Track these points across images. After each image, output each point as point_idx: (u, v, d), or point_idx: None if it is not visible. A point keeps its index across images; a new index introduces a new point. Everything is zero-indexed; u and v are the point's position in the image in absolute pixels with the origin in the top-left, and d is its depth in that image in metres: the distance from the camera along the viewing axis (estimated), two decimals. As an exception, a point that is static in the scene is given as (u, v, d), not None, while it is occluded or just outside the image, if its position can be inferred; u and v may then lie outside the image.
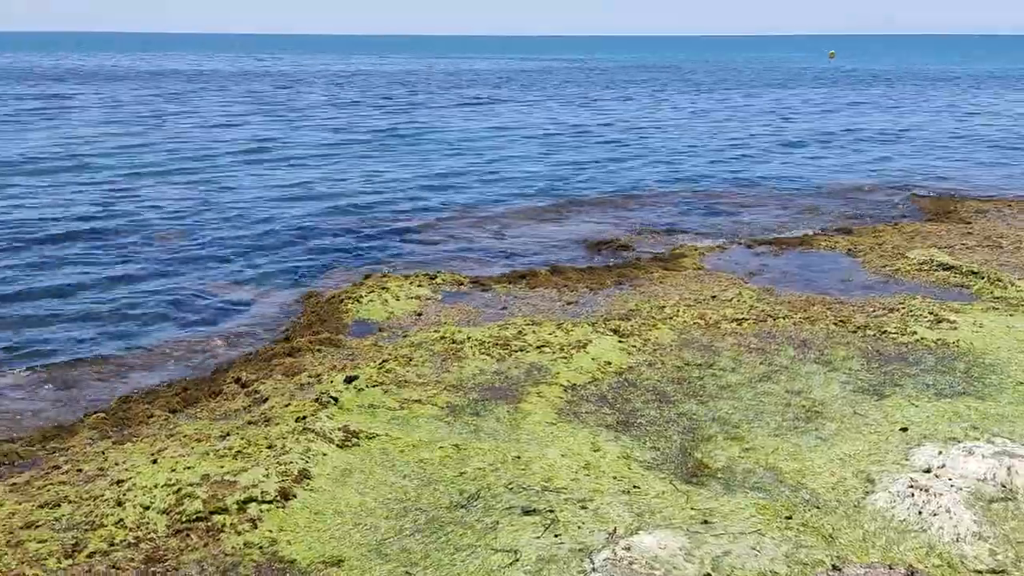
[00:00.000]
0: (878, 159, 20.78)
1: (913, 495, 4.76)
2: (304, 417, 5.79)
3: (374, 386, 6.38)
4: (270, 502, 4.68)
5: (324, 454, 5.25)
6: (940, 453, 5.25)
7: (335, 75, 59.99)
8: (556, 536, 4.35)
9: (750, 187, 16.73)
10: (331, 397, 6.18)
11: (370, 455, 5.31)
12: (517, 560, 4.15)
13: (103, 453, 5.43)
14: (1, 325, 8.42)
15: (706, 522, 4.53)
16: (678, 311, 8.11)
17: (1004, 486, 4.86)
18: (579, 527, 4.45)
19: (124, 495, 4.74)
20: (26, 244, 11.53)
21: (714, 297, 8.61)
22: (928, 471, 5.05)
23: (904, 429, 5.65)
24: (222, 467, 5.05)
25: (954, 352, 7.06)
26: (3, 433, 6.04)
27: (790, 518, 4.61)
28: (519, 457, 5.24)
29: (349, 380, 6.50)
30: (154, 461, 5.17)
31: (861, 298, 8.67)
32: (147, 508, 4.61)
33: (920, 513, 4.61)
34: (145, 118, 28.13)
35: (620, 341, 7.28)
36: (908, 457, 5.25)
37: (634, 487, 4.92)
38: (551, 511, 4.61)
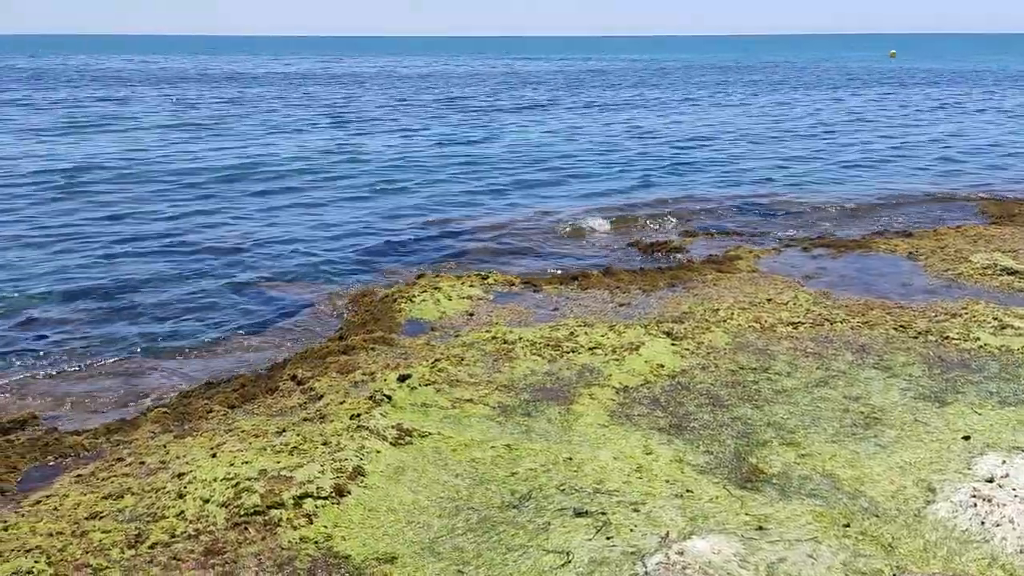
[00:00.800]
0: (940, 159, 20.28)
1: (975, 505, 4.64)
2: (358, 415, 5.86)
3: (427, 385, 6.43)
4: (325, 498, 4.75)
5: (378, 452, 5.31)
6: (1004, 463, 5.10)
7: (397, 76, 60.57)
8: (608, 538, 4.34)
9: (810, 190, 16.45)
10: (385, 395, 6.24)
11: (423, 454, 5.35)
12: (569, 562, 4.15)
13: (165, 446, 5.57)
14: (68, 321, 8.68)
15: (761, 528, 4.48)
16: (732, 314, 8.02)
17: (1073, 498, 4.70)
18: (631, 530, 4.43)
19: (185, 488, 4.85)
20: (91, 241, 11.89)
21: (769, 300, 8.50)
22: (991, 481, 4.91)
23: (967, 437, 5.51)
24: (279, 462, 5.14)
25: (1019, 359, 6.85)
26: (69, 425, 6.23)
27: (848, 526, 4.52)
28: (571, 459, 5.23)
29: (402, 379, 6.56)
30: (213, 455, 5.29)
31: (922, 303, 8.47)
32: (207, 501, 4.72)
33: (983, 524, 4.49)
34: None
35: (673, 344, 7.22)
36: (970, 466, 5.12)
37: (687, 491, 4.88)
38: (603, 513, 4.60)
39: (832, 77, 59.23)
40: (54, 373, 7.37)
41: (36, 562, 4.24)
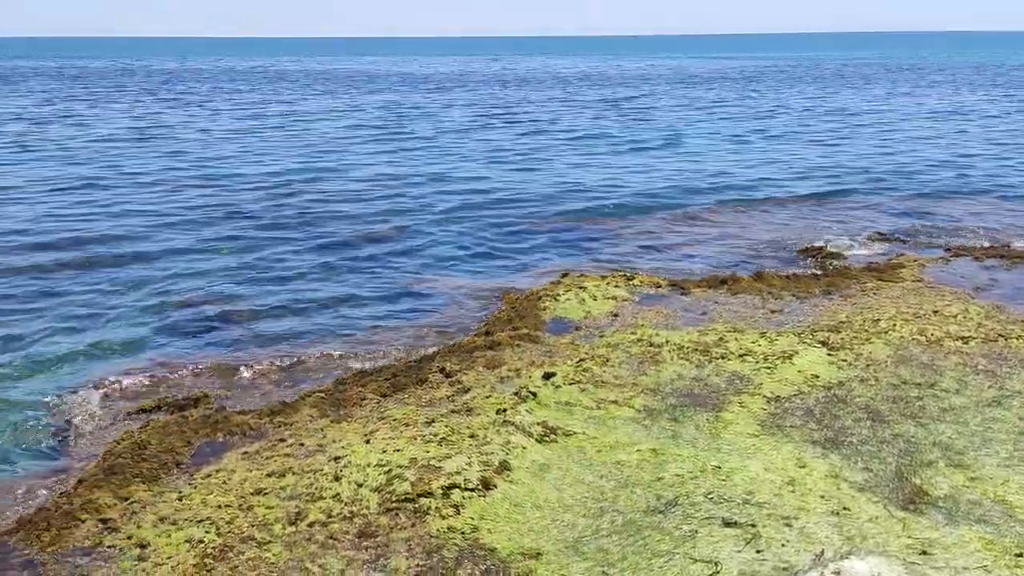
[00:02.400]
0: None
1: None
2: (504, 410, 5.93)
3: (571, 384, 6.44)
4: (472, 490, 4.84)
5: (523, 448, 5.36)
6: None
7: (574, 76, 60.99)
8: (758, 552, 4.21)
9: (983, 195, 15.38)
10: (530, 392, 6.30)
11: (567, 452, 5.36)
12: (717, 572, 4.05)
13: (322, 430, 5.84)
14: (235, 309, 9.24)
15: (925, 553, 4.23)
16: (894, 325, 7.59)
17: None
18: (783, 545, 4.28)
19: (341, 471, 5.06)
20: (257, 231, 12.63)
21: (936, 312, 7.99)
22: None
23: None
24: (428, 452, 5.28)
25: None
26: (236, 405, 6.63)
27: (1021, 556, 4.20)
28: (719, 467, 5.11)
29: (547, 376, 6.60)
30: (367, 441, 5.50)
31: (1112, 321, 7.74)
32: (361, 485, 4.91)
33: None
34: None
35: (829, 354, 6.92)
36: None
37: (844, 508, 4.66)
38: (752, 525, 4.47)
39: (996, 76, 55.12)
40: (223, 356, 7.85)
41: (207, 532, 4.53)
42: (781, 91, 43.54)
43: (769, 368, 6.64)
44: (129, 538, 4.59)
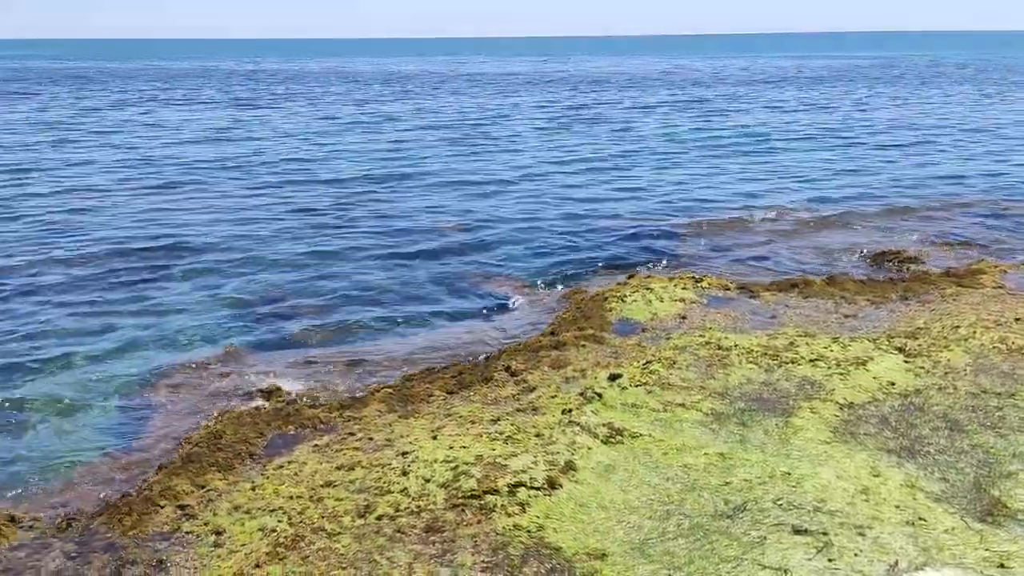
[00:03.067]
0: None
1: None
2: (570, 410, 5.94)
3: (637, 386, 6.41)
4: (538, 489, 4.85)
5: (589, 448, 5.36)
6: None
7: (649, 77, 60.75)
8: (830, 560, 4.12)
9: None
10: (596, 393, 6.28)
11: (633, 454, 5.34)
12: (786, 580, 3.99)
13: (390, 425, 5.93)
14: (305, 303, 9.45)
15: (1002, 566, 4.09)
16: (974, 332, 7.35)
17: None
18: (855, 554, 4.19)
19: (408, 466, 5.13)
20: (329, 228, 12.88)
21: (1018, 320, 7.71)
22: None
23: None
24: (494, 450, 5.32)
25: None
26: (306, 399, 6.78)
27: (1109, 576, 4.03)
28: (789, 473, 5.02)
29: (613, 378, 6.58)
30: (434, 437, 5.56)
31: None
32: (428, 481, 4.97)
33: None
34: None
35: (906, 361, 6.74)
36: None
37: (919, 519, 4.54)
38: (824, 533, 4.38)
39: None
40: (294, 349, 8.03)
41: (279, 521, 4.65)
42: (854, 92, 42.48)
43: (842, 374, 6.50)
44: (206, 525, 4.74)
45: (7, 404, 6.73)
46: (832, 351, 6.95)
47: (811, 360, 6.78)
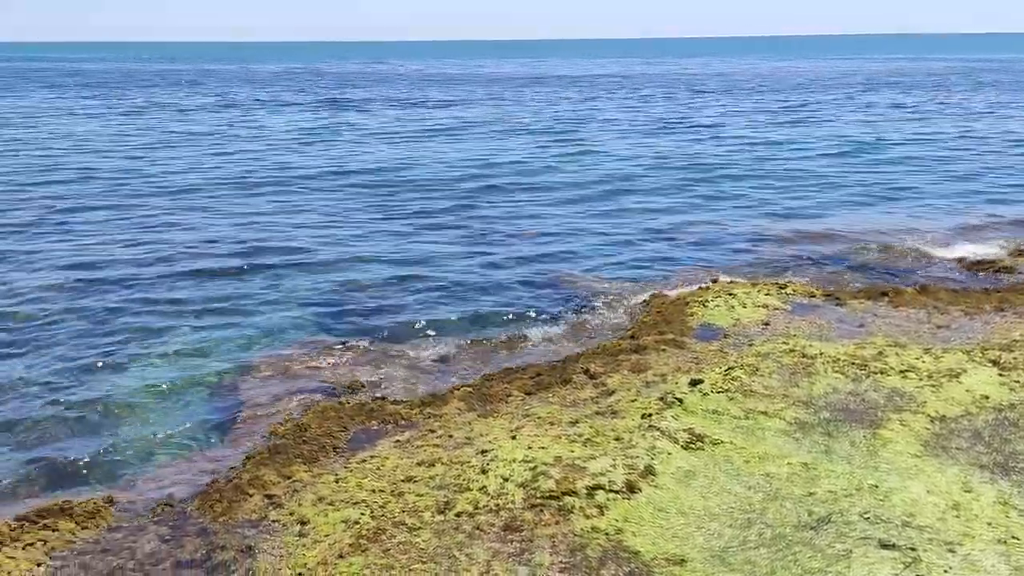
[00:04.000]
0: None
1: None
2: (649, 415, 5.90)
3: (719, 392, 6.32)
4: (616, 492, 4.84)
5: (669, 453, 5.32)
6: None
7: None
8: (918, 577, 4.01)
9: None
10: (676, 398, 6.23)
11: (714, 461, 5.28)
12: (872, 595, 3.88)
13: (469, 424, 6.00)
14: (388, 300, 9.63)
15: (1107, 594, 3.90)
16: (1077, 347, 7.02)
17: None
18: (945, 571, 4.06)
19: (487, 465, 5.19)
20: (415, 226, 13.09)
21: None
22: None
23: None
24: (572, 452, 5.33)
25: None
26: (387, 395, 6.91)
27: None
28: (876, 486, 4.89)
29: (694, 383, 6.51)
30: (513, 437, 5.60)
31: None
32: (506, 480, 5.01)
33: None
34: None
35: (1001, 374, 6.47)
36: None
37: (1012, 537, 4.37)
38: (912, 549, 4.25)
39: None
40: (376, 345, 8.19)
41: (362, 514, 4.76)
42: (957, 95, 40.96)
43: (934, 386, 6.28)
44: (291, 514, 4.89)
45: (107, 397, 7.05)
46: (923, 362, 6.73)
47: (901, 371, 6.58)
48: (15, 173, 18.49)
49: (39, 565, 4.52)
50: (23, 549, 4.64)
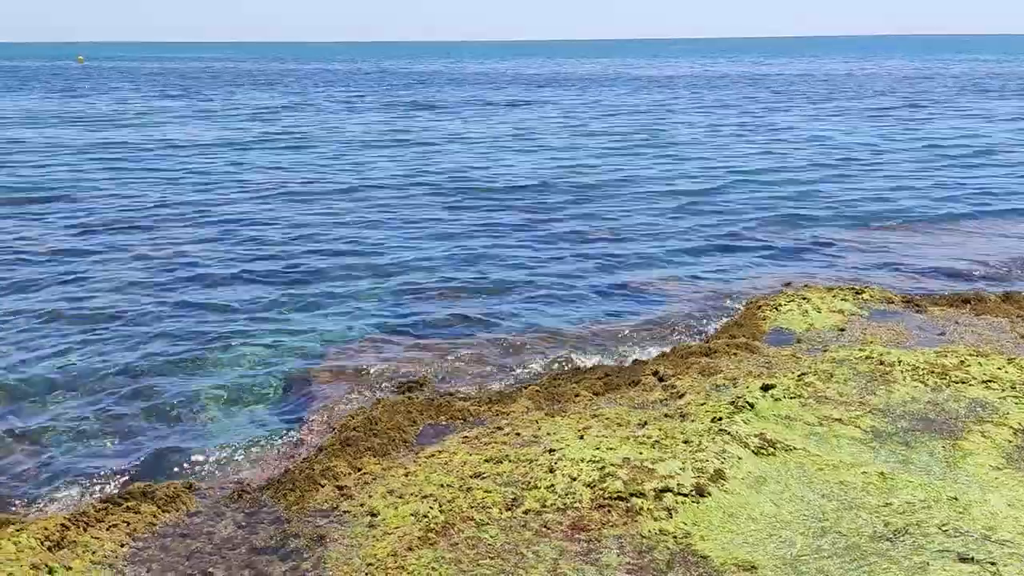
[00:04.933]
0: None
1: None
2: (720, 418, 5.83)
3: (792, 398, 6.21)
4: (685, 495, 4.80)
5: (739, 458, 5.24)
6: None
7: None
8: (1000, 594, 3.87)
9: None
10: (747, 403, 6.13)
11: (786, 467, 5.19)
12: (951, 610, 3.77)
13: (537, 422, 6.01)
14: (457, 298, 9.73)
15: None
16: None
17: None
18: (1029, 590, 3.91)
19: (555, 463, 5.20)
20: (485, 224, 13.18)
21: None
22: None
23: None
24: (640, 453, 5.30)
25: None
26: (455, 390, 6.98)
27: None
28: (956, 499, 4.74)
29: (766, 388, 6.40)
30: (581, 437, 5.60)
31: None
32: (574, 479, 5.01)
33: None
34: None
35: (1092, 387, 6.20)
36: None
37: (1103, 558, 4.18)
38: (992, 563, 4.11)
39: None
40: (444, 341, 8.28)
41: (431, 508, 4.82)
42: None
43: (1017, 397, 6.06)
44: (361, 506, 4.97)
45: (187, 390, 7.26)
46: (1007, 372, 6.49)
47: (983, 381, 6.36)
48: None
49: (122, 546, 4.70)
50: (107, 530, 4.83)
